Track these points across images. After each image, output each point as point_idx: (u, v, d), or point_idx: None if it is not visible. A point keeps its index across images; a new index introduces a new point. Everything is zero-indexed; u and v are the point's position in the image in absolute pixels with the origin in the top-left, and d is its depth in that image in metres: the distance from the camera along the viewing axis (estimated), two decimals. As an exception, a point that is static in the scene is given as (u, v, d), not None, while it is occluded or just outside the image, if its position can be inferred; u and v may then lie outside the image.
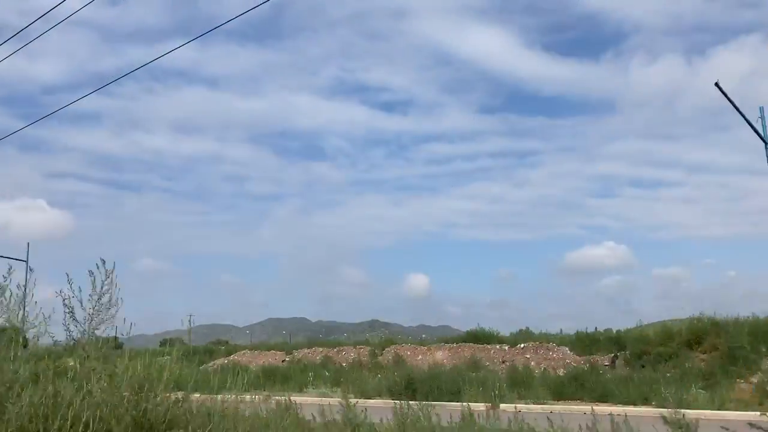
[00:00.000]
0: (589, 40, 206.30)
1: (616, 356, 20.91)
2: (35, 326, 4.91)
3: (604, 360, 21.00)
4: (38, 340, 5.02)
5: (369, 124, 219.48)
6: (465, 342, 25.70)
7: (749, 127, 15.49)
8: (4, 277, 4.94)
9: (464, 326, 27.43)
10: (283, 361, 28.67)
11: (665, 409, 5.86)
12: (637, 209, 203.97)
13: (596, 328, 24.61)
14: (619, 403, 15.37)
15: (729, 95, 14.76)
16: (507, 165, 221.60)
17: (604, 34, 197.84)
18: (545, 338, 24.39)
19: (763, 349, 17.68)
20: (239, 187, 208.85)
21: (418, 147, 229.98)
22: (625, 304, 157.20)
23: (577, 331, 23.49)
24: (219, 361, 28.90)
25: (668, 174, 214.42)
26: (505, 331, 26.54)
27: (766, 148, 15.64)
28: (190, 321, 64.27)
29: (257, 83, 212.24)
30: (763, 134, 15.60)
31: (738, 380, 16.80)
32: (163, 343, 62.08)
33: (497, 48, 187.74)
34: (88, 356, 4.66)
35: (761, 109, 15.91)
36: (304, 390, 21.44)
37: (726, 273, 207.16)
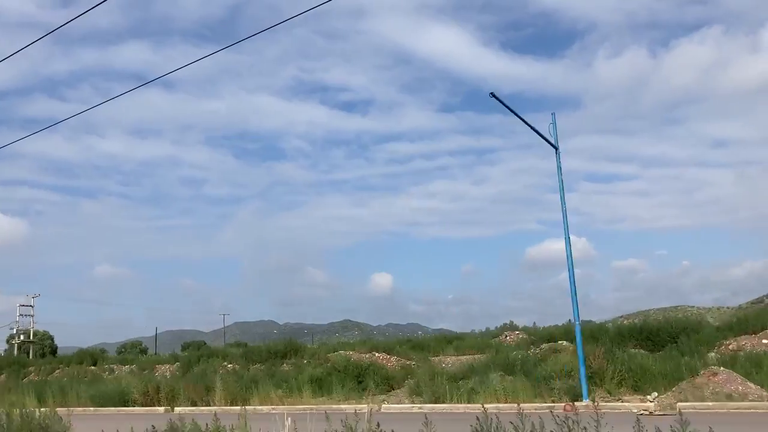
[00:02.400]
0: (546, 37, 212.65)
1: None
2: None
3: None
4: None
5: (329, 125, 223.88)
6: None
7: (536, 133, 16.32)
8: None
9: (432, 324, 29.19)
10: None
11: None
12: (594, 203, 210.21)
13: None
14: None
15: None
16: (466, 163, 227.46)
17: (560, 32, 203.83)
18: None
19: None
20: (197, 191, 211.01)
21: (379, 147, 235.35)
22: (584, 296, 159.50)
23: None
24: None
25: (624, 168, 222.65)
26: (466, 329, 28.40)
27: (556, 153, 16.78)
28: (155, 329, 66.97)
29: (214, 85, 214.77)
30: (552, 140, 16.63)
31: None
32: (120, 351, 65.52)
33: (455, 46, 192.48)
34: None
35: (553, 115, 17.17)
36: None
37: (680, 263, 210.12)
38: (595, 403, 4.92)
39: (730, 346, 19.19)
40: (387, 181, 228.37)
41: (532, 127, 16.21)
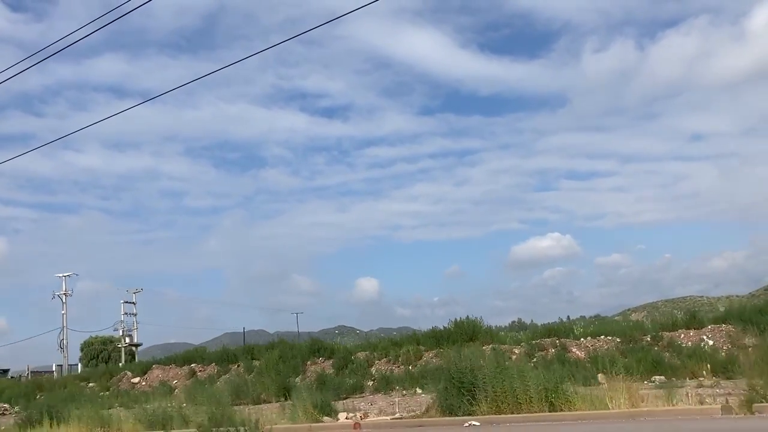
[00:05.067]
0: (523, 37, 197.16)
1: None
2: None
3: None
4: None
5: (309, 131, 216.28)
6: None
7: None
8: None
9: (422, 326, 27.65)
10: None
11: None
12: (574, 200, 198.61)
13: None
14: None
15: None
16: (447, 165, 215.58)
17: (537, 32, 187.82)
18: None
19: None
20: (178, 203, 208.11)
21: (360, 152, 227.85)
22: (568, 294, 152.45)
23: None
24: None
25: (602, 164, 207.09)
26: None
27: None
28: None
29: (192, 95, 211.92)
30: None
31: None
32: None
33: (433, 49, 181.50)
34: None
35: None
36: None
37: (662, 257, 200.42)
38: None
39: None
40: (369, 186, 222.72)
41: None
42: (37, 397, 38.03)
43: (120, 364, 64.65)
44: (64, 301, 58.26)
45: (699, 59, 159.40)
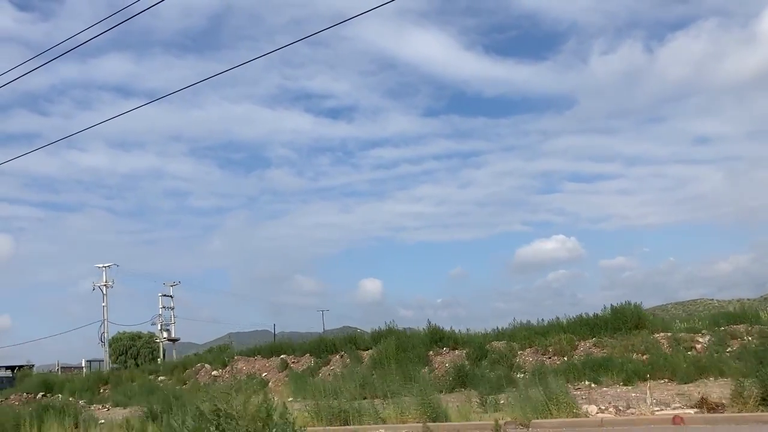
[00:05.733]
0: (529, 39, 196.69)
1: None
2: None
3: None
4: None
5: (314, 132, 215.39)
6: None
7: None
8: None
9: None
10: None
11: None
12: (578, 203, 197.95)
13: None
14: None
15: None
16: (452, 166, 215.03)
17: (543, 34, 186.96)
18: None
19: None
20: (182, 203, 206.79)
21: (364, 153, 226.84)
22: (571, 296, 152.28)
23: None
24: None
25: (607, 167, 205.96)
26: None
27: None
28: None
29: (197, 95, 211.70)
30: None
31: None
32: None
33: (438, 50, 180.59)
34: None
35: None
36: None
37: (666, 260, 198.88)
38: None
39: None
40: (373, 187, 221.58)
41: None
42: (101, 390, 35.62)
43: (159, 360, 62.29)
44: (104, 292, 55.74)
45: (707, 62, 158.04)
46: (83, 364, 72.30)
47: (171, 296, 63.21)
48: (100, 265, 56.44)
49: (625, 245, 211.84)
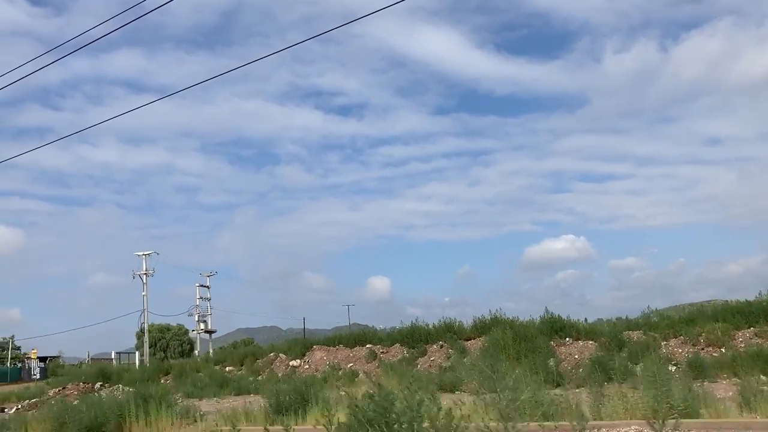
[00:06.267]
0: (540, 38, 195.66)
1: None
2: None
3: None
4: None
5: (324, 129, 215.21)
6: None
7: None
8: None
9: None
10: None
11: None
12: (588, 203, 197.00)
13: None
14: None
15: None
16: (461, 165, 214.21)
17: (555, 33, 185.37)
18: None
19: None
20: (191, 198, 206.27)
21: (374, 150, 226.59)
22: (579, 296, 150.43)
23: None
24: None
25: (618, 167, 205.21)
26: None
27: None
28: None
29: (208, 91, 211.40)
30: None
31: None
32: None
33: (449, 49, 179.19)
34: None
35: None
36: None
37: (675, 261, 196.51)
38: None
39: None
40: (382, 185, 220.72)
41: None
42: (162, 381, 33.67)
43: (196, 352, 60.33)
44: (144, 281, 53.77)
45: (721, 61, 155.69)
46: (113, 356, 70.53)
47: (207, 287, 61.21)
48: (140, 253, 54.48)
49: (635, 246, 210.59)
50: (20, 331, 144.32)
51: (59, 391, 32.11)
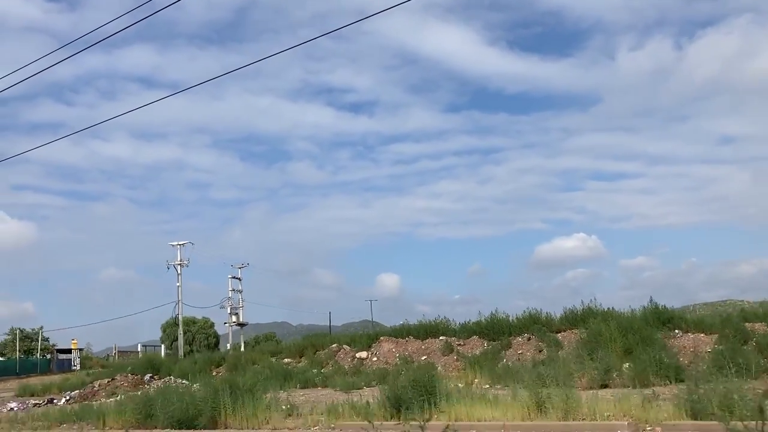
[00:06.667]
0: (553, 36, 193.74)
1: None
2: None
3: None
4: None
5: (335, 126, 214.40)
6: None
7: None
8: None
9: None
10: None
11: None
12: (599, 201, 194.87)
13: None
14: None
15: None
16: (472, 162, 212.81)
17: (568, 30, 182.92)
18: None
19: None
20: (203, 194, 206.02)
21: (385, 147, 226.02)
22: (590, 295, 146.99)
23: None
24: None
25: (629, 166, 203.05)
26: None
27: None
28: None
29: (220, 87, 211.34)
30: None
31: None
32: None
33: (462, 46, 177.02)
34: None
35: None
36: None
37: (687, 261, 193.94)
38: None
39: None
40: (392, 182, 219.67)
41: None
42: (214, 373, 32.22)
43: (228, 345, 58.94)
44: (179, 271, 52.37)
45: (737, 59, 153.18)
46: (138, 348, 69.28)
47: (239, 278, 59.82)
48: (174, 243, 53.11)
49: (646, 245, 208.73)
50: (34, 324, 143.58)
51: (108, 382, 30.70)
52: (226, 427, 15.52)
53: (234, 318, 58.15)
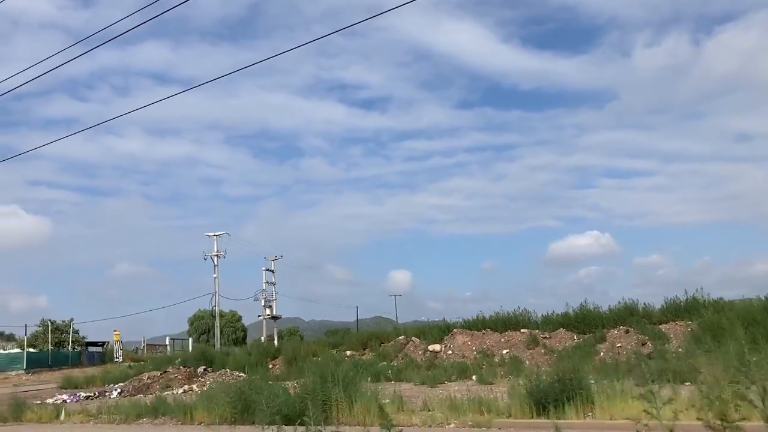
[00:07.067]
0: (567, 32, 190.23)
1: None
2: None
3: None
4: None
5: (347, 123, 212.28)
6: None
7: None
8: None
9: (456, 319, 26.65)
10: None
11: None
12: (613, 199, 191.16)
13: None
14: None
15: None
16: (484, 159, 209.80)
17: (582, 27, 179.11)
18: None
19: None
20: (216, 190, 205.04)
21: (397, 144, 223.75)
22: (602, 293, 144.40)
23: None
24: None
25: (644, 163, 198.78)
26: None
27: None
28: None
29: (232, 83, 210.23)
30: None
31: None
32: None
33: (475, 42, 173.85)
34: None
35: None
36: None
37: (701, 259, 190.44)
38: None
39: None
40: (404, 179, 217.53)
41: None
42: (271, 366, 30.76)
43: (262, 338, 57.52)
44: (215, 262, 50.94)
45: (754, 55, 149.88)
46: (167, 342, 68.04)
47: (272, 271, 58.32)
48: (211, 234, 51.67)
49: (660, 243, 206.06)
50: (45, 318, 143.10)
51: (161, 374, 29.26)
52: (339, 422, 14.00)
53: (267, 311, 56.69)
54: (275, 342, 52.71)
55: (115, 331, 54.12)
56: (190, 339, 69.40)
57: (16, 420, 18.48)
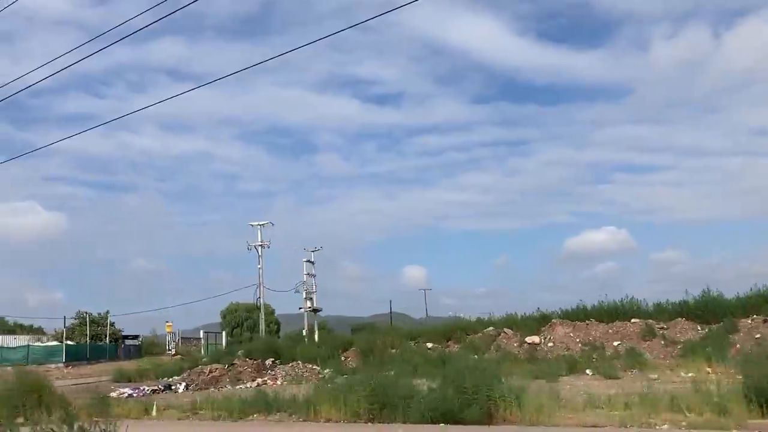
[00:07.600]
0: (583, 26, 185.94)
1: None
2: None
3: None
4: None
5: (361, 118, 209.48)
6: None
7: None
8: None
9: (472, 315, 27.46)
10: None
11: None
12: (629, 194, 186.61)
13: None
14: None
15: None
16: (499, 154, 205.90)
17: (598, 20, 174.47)
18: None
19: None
20: (230, 186, 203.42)
21: (411, 139, 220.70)
22: (618, 289, 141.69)
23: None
24: None
25: (660, 158, 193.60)
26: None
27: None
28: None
29: (246, 79, 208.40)
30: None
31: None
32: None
33: (490, 36, 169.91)
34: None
35: None
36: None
37: (719, 254, 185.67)
38: None
39: None
40: (418, 174, 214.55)
41: None
42: (344, 358, 28.85)
43: (303, 331, 55.68)
44: (260, 253, 49.10)
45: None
46: (201, 335, 66.41)
47: (312, 262, 56.34)
48: (255, 223, 49.80)
49: (676, 238, 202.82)
50: (70, 313, 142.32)
51: (227, 368, 27.43)
52: (505, 421, 12.04)
53: (308, 303, 54.75)
54: (315, 336, 50.89)
55: (167, 322, 52.51)
56: (224, 333, 67.72)
57: (103, 416, 16.68)
